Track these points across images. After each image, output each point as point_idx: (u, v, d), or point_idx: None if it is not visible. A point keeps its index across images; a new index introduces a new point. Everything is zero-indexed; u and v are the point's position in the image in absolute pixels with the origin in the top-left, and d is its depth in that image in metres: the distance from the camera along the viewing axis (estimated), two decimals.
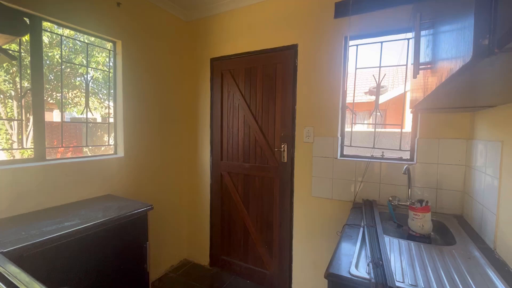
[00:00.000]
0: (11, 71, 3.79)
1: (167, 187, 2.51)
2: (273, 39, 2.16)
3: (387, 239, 1.24)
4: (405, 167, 1.54)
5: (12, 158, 1.74)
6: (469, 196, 1.49)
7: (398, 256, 1.10)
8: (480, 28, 0.42)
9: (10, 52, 1.53)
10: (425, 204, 1.32)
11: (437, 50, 0.76)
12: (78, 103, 4.93)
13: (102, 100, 5.03)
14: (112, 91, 2.10)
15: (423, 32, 0.97)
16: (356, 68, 1.92)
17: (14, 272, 0.91)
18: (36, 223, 1.35)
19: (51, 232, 1.23)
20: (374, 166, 1.82)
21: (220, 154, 2.51)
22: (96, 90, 4.84)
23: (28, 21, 1.57)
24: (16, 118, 3.97)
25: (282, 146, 2.15)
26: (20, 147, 3.96)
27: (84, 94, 1.98)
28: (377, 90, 1.81)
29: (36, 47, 1.60)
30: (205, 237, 2.64)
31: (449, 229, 1.37)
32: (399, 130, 1.84)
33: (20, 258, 1.09)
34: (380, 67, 1.82)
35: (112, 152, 2.12)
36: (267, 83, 2.23)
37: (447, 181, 1.63)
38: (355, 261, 1.04)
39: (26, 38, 1.58)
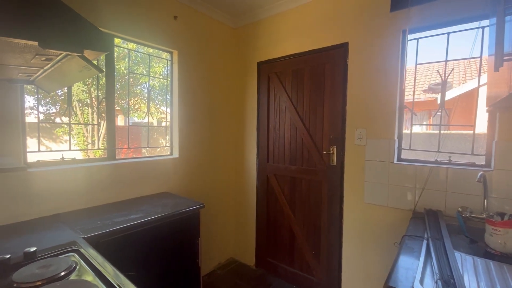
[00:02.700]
0: (87, 82, 4.44)
1: (216, 187, 2.62)
2: (321, 39, 2.11)
3: (457, 255, 1.09)
4: (479, 174, 1.33)
5: (87, 157, 2.02)
6: None
7: (473, 276, 0.96)
8: None
9: None
10: (509, 218, 1.13)
11: None
12: (138, 109, 5.52)
13: (158, 106, 5.55)
14: (168, 97, 2.29)
15: (507, 18, 0.84)
16: (416, 64, 1.75)
17: (93, 254, 1.05)
18: (108, 215, 1.54)
19: (121, 223, 1.39)
20: (439, 172, 1.62)
21: (266, 156, 2.53)
22: (153, 97, 5.37)
23: None
24: (91, 123, 4.62)
25: (331, 148, 2.07)
26: (96, 147, 4.59)
27: (143, 101, 2.20)
28: (443, 86, 1.62)
29: (109, 60, 1.84)
30: (251, 238, 2.69)
31: None
32: (469, 131, 1.62)
33: (96, 244, 1.25)
34: (446, 61, 1.63)
35: (168, 153, 2.30)
36: (315, 84, 2.18)
37: None
38: (419, 277, 0.94)
39: None
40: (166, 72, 2.30)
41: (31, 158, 1.54)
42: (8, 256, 0.93)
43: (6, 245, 1.14)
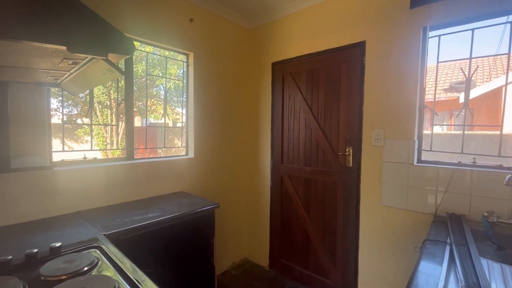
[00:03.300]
0: (107, 85, 4.60)
1: (230, 187, 2.64)
2: (337, 38, 2.07)
3: (484, 262, 1.04)
4: (508, 177, 1.26)
5: (106, 157, 2.09)
6: None
7: (501, 284, 0.90)
8: None
9: None
10: None
11: None
12: (155, 110, 5.65)
13: (173, 108, 5.66)
14: (184, 98, 2.33)
15: None
16: (438, 62, 1.68)
17: (113, 251, 1.09)
18: (127, 213, 1.58)
19: (139, 221, 1.43)
20: (462, 175, 1.55)
21: (281, 157, 2.52)
22: (168, 98, 5.48)
23: None
24: (109, 124, 4.79)
25: (347, 149, 2.03)
26: (115, 147, 4.75)
27: (159, 102, 2.25)
28: (467, 85, 1.55)
29: (128, 63, 1.90)
30: (265, 238, 2.68)
31: None
32: (496, 132, 1.54)
33: (116, 241, 1.29)
34: (470, 58, 1.55)
35: (184, 153, 2.34)
36: (331, 84, 2.15)
37: None
38: (442, 283, 0.90)
39: None
40: (181, 74, 2.35)
41: (56, 157, 1.61)
42: (36, 250, 0.98)
43: (33, 240, 1.20)
